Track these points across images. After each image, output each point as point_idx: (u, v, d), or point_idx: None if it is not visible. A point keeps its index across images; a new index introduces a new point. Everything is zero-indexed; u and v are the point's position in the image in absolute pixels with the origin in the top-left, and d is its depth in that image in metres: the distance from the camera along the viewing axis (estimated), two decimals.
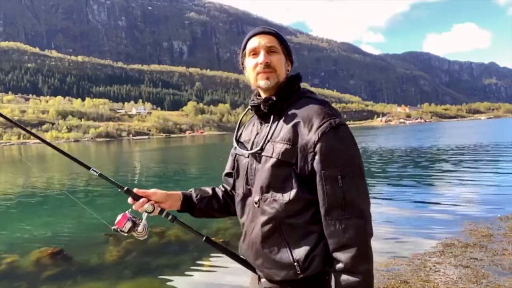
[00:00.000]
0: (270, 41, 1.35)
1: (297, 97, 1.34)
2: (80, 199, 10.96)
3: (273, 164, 1.27)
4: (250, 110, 1.42)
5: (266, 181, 1.29)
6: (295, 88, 1.36)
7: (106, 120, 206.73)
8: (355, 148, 1.24)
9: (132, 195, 1.42)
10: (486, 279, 3.76)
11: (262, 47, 1.34)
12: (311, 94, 1.37)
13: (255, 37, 1.36)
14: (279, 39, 1.37)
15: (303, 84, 1.41)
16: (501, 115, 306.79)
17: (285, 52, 1.38)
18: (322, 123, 1.21)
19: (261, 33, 1.36)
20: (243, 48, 1.40)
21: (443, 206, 7.46)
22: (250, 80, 1.39)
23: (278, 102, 1.32)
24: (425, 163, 15.84)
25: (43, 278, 4.78)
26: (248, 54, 1.37)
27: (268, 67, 1.33)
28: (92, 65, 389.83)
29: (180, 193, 1.52)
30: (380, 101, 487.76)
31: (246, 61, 1.39)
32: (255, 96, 1.41)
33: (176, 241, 6.09)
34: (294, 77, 1.38)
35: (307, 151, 1.22)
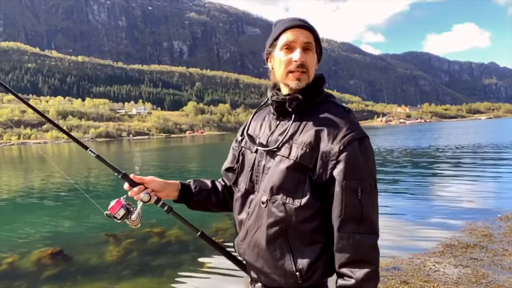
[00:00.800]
0: (307, 37, 1.25)
1: (321, 100, 1.28)
2: (80, 198, 10.98)
3: (289, 166, 1.21)
4: (270, 104, 1.33)
5: (278, 182, 1.23)
6: (320, 90, 1.29)
7: (106, 120, 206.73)
8: (374, 162, 1.22)
9: (128, 181, 1.37)
10: (486, 279, 3.75)
11: (300, 43, 1.24)
12: (335, 99, 1.30)
13: (293, 30, 1.24)
14: (315, 35, 1.27)
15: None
16: (501, 115, 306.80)
17: (317, 50, 1.29)
18: (348, 133, 1.17)
19: (300, 26, 1.25)
20: (274, 39, 1.27)
21: (443, 206, 7.46)
22: (276, 74, 1.28)
23: (304, 103, 1.26)
24: (425, 163, 15.84)
25: (43, 278, 4.78)
26: (281, 48, 1.25)
27: (303, 66, 1.24)
28: (92, 65, 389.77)
29: (178, 182, 1.47)
30: (380, 101, 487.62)
31: (277, 54, 1.27)
32: (274, 90, 1.32)
33: (176, 241, 6.10)
34: (320, 77, 1.30)
35: (328, 158, 1.17)
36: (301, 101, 1.24)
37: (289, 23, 1.25)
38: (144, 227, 6.90)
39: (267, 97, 1.33)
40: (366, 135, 1.20)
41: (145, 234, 6.53)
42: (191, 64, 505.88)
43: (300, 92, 1.25)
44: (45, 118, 1.39)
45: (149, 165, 23.55)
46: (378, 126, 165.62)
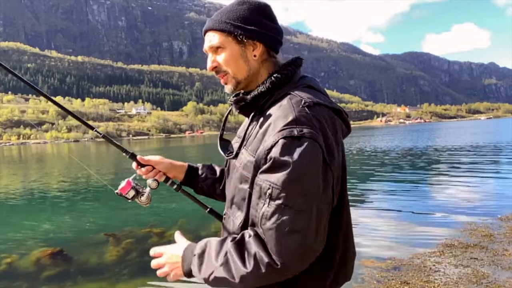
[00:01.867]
0: (211, 40, 1.13)
1: (285, 92, 1.08)
2: (80, 198, 10.98)
3: (238, 177, 1.09)
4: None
5: (230, 195, 1.14)
6: (283, 81, 1.09)
7: (106, 120, 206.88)
8: (308, 173, 0.93)
9: (136, 161, 1.37)
10: (487, 279, 3.73)
11: (208, 50, 1.15)
12: (302, 90, 1.06)
13: (205, 37, 1.15)
14: (222, 30, 1.10)
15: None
16: (500, 115, 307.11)
17: (238, 39, 1.10)
18: (284, 128, 0.96)
19: (204, 33, 1.15)
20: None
21: (443, 206, 7.45)
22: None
23: (253, 102, 1.11)
24: (424, 163, 15.84)
25: (43, 278, 4.77)
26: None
27: (218, 72, 1.14)
28: (92, 65, 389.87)
29: (186, 165, 1.44)
30: (380, 101, 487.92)
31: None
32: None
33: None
34: (285, 65, 1.11)
35: (260, 161, 0.99)
36: (246, 101, 1.11)
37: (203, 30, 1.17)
38: (144, 227, 6.90)
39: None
40: (308, 136, 0.93)
41: (145, 234, 6.53)
42: (191, 64, 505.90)
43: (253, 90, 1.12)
44: (74, 116, 1.39)
45: None
46: (377, 126, 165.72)
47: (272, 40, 1.12)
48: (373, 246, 5.06)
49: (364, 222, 6.38)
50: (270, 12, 1.14)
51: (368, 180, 11.61)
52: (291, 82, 1.09)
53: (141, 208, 1.56)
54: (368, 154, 20.99)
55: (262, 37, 1.10)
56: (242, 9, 1.10)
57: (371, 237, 5.48)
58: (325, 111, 1.02)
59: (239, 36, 1.09)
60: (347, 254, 1.13)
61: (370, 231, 5.81)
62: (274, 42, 1.13)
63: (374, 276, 3.98)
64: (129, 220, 7.82)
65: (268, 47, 1.12)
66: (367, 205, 7.92)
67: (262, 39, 1.10)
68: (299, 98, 1.02)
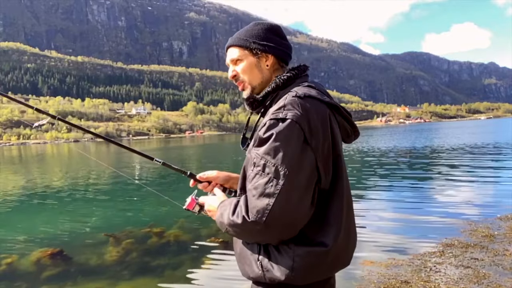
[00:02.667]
0: (232, 54, 1.39)
1: (286, 92, 1.28)
2: (80, 198, 10.97)
3: (245, 160, 1.28)
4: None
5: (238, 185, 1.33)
6: (286, 83, 1.31)
7: (106, 120, 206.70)
8: (287, 147, 1.12)
9: (195, 180, 1.58)
10: (487, 279, 3.74)
11: (230, 62, 1.41)
12: (301, 88, 1.27)
13: (227, 53, 1.43)
14: (240, 45, 1.37)
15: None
16: (500, 115, 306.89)
17: (253, 52, 1.36)
18: (273, 113, 1.18)
19: (227, 48, 1.43)
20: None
21: (443, 206, 7.45)
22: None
23: (262, 100, 1.34)
24: (424, 163, 15.83)
25: (43, 278, 4.78)
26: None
27: (236, 80, 1.39)
28: (91, 65, 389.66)
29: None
30: (379, 101, 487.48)
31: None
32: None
33: (176, 241, 6.09)
34: (292, 70, 1.35)
35: (256, 141, 1.22)
36: (254, 99, 1.35)
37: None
38: (144, 227, 6.90)
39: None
40: (293, 119, 1.14)
41: (145, 234, 6.53)
42: (190, 64, 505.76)
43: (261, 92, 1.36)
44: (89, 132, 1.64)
45: (149, 165, 23.53)
46: (377, 126, 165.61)
47: (281, 52, 1.36)
48: (373, 246, 5.06)
49: (364, 222, 6.38)
50: (281, 31, 1.39)
51: (367, 180, 11.60)
52: (294, 83, 1.30)
53: (141, 208, 1.26)
54: (368, 154, 20.98)
55: (273, 50, 1.35)
56: (257, 29, 1.37)
57: (371, 237, 5.47)
58: (317, 104, 1.20)
59: (254, 50, 1.34)
60: (345, 241, 1.23)
61: (370, 231, 5.81)
62: (284, 54, 1.37)
63: (374, 276, 3.99)
64: (129, 220, 7.82)
65: (279, 58, 1.37)
66: (367, 205, 7.91)
67: (273, 52, 1.35)
68: (294, 92, 1.22)
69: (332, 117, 1.24)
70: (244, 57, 1.36)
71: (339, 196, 1.23)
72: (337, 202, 1.22)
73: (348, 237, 1.25)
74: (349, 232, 1.27)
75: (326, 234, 1.18)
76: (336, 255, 1.21)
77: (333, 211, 1.21)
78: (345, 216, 1.24)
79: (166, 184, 13.23)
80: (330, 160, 1.20)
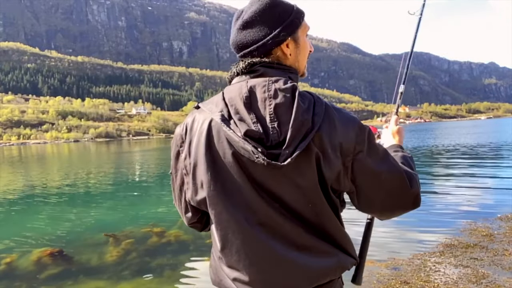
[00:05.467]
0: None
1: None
2: (80, 198, 10.98)
3: None
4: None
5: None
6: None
7: (106, 120, 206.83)
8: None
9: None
10: (487, 279, 3.73)
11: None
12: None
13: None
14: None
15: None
16: (501, 115, 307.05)
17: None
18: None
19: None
20: (300, 20, 1.06)
21: (443, 206, 7.45)
22: (301, 61, 1.09)
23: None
24: (424, 163, 15.83)
25: (43, 278, 4.77)
26: (305, 32, 1.09)
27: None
28: (92, 65, 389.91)
29: None
30: (380, 101, 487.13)
31: (303, 39, 1.08)
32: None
33: (176, 241, 6.09)
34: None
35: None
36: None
37: (301, 10, 1.09)
38: (144, 227, 6.90)
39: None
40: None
41: (145, 234, 6.52)
42: (190, 64, 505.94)
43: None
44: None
45: (149, 165, 23.55)
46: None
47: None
48: (373, 246, 4.94)
49: (364, 222, 6.37)
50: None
51: None
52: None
53: (141, 208, 1.16)
54: None
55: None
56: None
57: (371, 237, 5.48)
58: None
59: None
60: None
61: None
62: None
63: (374, 276, 3.98)
64: (129, 220, 7.82)
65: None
66: None
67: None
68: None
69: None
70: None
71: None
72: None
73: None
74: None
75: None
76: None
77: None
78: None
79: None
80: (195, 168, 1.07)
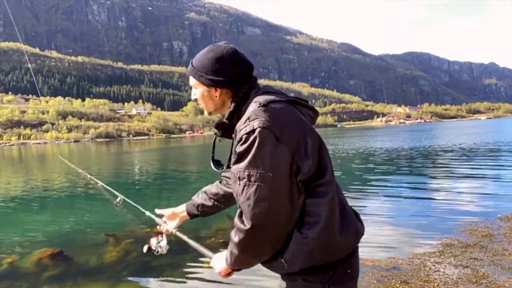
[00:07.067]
0: (190, 80, 1.48)
1: (247, 106, 1.37)
2: (80, 198, 10.97)
3: (232, 182, 1.35)
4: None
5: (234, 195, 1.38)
6: (244, 99, 1.40)
7: (106, 120, 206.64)
8: (263, 153, 1.23)
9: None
10: (486, 279, 3.74)
11: (192, 85, 1.49)
12: (259, 97, 1.36)
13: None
14: (193, 76, 1.45)
15: (303, 84, 1.81)
16: (501, 115, 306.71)
17: (204, 84, 1.43)
18: (242, 127, 1.27)
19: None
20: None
21: (443, 206, 7.45)
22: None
23: (228, 124, 1.42)
24: (424, 163, 15.83)
25: (43, 279, 4.77)
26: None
27: (197, 102, 1.50)
28: (92, 66, 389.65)
29: (185, 212, 2.06)
30: (380, 101, 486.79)
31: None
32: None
33: (176, 241, 6.05)
34: (244, 86, 1.40)
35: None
36: (223, 123, 1.44)
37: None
38: (144, 227, 6.89)
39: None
40: (261, 126, 1.24)
41: (145, 234, 6.52)
42: None
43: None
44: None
45: (149, 165, 23.54)
46: (378, 126, 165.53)
47: (231, 83, 1.40)
48: (373, 246, 5.05)
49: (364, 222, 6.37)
50: (234, 57, 1.40)
51: (367, 180, 11.59)
52: (251, 95, 1.40)
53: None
54: (368, 154, 20.97)
55: (221, 84, 1.40)
56: (208, 59, 1.40)
57: (371, 237, 5.47)
58: (277, 104, 1.31)
59: (203, 83, 1.42)
60: (341, 224, 1.37)
61: (369, 231, 5.80)
62: (236, 84, 1.41)
63: (374, 275, 3.99)
64: (129, 220, 7.81)
65: (229, 88, 1.42)
66: (366, 205, 7.91)
67: (221, 85, 1.41)
68: (255, 103, 1.32)
69: (296, 110, 1.35)
70: (197, 86, 1.46)
71: (328, 183, 1.31)
72: (327, 188, 1.30)
73: (343, 208, 1.41)
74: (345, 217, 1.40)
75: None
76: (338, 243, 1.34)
77: (326, 199, 1.29)
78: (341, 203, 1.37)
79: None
80: (309, 148, 1.28)
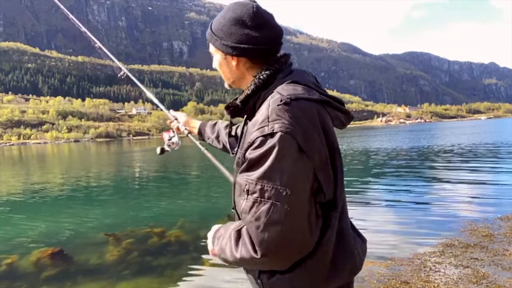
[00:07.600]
0: (210, 47, 1.25)
1: (271, 91, 1.11)
2: (80, 198, 10.98)
3: (235, 174, 1.14)
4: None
5: (233, 195, 1.17)
6: (267, 82, 1.13)
7: (106, 120, 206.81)
8: (282, 164, 0.98)
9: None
10: (487, 279, 3.73)
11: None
12: (285, 87, 1.09)
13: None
14: (209, 40, 1.22)
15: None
16: (501, 115, 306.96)
17: (220, 49, 1.19)
18: (259, 127, 1.02)
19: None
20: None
21: (443, 206, 7.45)
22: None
23: (243, 105, 1.17)
24: (425, 163, 15.83)
25: (43, 278, 4.78)
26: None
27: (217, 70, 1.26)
28: (92, 65, 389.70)
29: (196, 129, 2.03)
30: (380, 101, 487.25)
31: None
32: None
33: (176, 241, 6.09)
34: (272, 65, 1.14)
35: (242, 160, 1.08)
36: (235, 106, 1.18)
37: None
38: (144, 227, 6.90)
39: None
40: (283, 131, 0.98)
41: (145, 234, 6.53)
42: (191, 64, 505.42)
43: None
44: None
45: (149, 164, 23.54)
46: (378, 126, 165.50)
47: (250, 52, 1.13)
48: (373, 246, 5.04)
49: (364, 222, 6.37)
50: (255, 18, 1.12)
51: (367, 180, 11.59)
52: (276, 80, 1.12)
53: (141, 208, 1.50)
54: (368, 154, 20.97)
55: (237, 51, 1.14)
56: (225, 20, 1.15)
57: (371, 237, 5.36)
58: (305, 104, 1.04)
59: (218, 48, 1.19)
60: (343, 253, 1.12)
61: (370, 231, 5.80)
62: (256, 52, 1.14)
63: (374, 276, 3.99)
64: (129, 220, 7.82)
65: (249, 57, 1.15)
66: (366, 205, 7.91)
67: (237, 53, 1.14)
68: (278, 96, 1.05)
69: (325, 113, 1.10)
70: (214, 52, 1.23)
71: (341, 205, 1.13)
72: (331, 221, 1.09)
73: (342, 242, 1.12)
74: (344, 236, 1.13)
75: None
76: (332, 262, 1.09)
77: (336, 225, 1.09)
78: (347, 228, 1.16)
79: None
80: (329, 167, 1.07)
